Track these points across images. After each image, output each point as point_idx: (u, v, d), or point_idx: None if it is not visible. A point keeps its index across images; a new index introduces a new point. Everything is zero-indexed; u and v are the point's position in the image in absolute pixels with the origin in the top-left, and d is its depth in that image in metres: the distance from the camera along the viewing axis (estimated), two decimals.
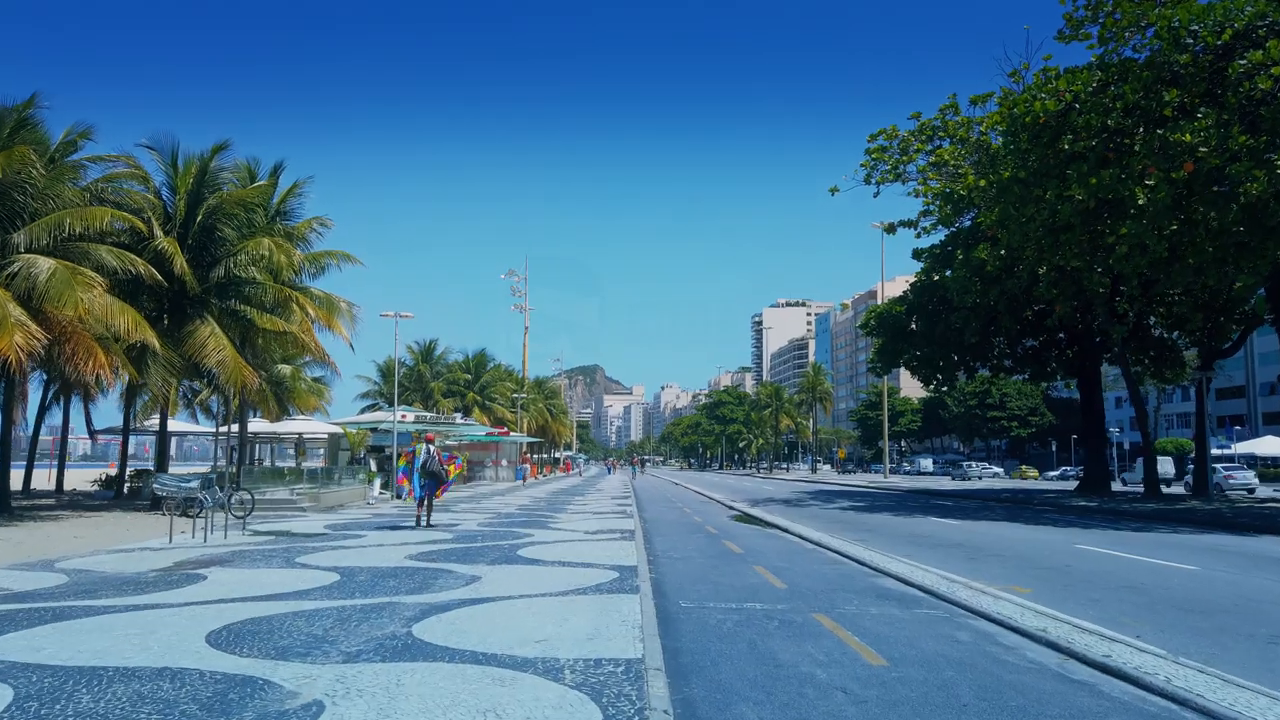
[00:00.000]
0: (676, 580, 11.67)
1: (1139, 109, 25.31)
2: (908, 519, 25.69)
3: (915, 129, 33.78)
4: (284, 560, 13.21)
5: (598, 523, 21.15)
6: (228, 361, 24.99)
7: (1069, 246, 27.51)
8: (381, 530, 18.84)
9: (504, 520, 21.99)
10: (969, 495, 41.57)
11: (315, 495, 27.38)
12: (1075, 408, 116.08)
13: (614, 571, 11.79)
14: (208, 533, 17.15)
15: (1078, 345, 43.05)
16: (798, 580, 11.76)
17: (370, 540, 16.59)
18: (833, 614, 9.13)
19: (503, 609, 8.90)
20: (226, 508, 23.35)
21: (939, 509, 30.80)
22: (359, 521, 21.41)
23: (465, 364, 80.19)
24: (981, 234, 36.31)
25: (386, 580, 11.02)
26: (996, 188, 29.39)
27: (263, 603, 9.31)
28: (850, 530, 21.24)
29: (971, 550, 16.58)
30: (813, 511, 29.31)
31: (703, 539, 18.24)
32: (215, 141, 27.10)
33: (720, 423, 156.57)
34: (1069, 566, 14.09)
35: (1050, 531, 21.26)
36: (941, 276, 41.76)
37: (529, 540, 16.54)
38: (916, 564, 13.55)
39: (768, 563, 13.78)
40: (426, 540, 16.42)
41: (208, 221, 26.62)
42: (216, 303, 26.94)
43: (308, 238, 31.72)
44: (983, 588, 11.02)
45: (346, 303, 31.99)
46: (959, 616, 9.19)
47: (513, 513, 25.12)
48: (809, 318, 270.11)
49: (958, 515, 27.18)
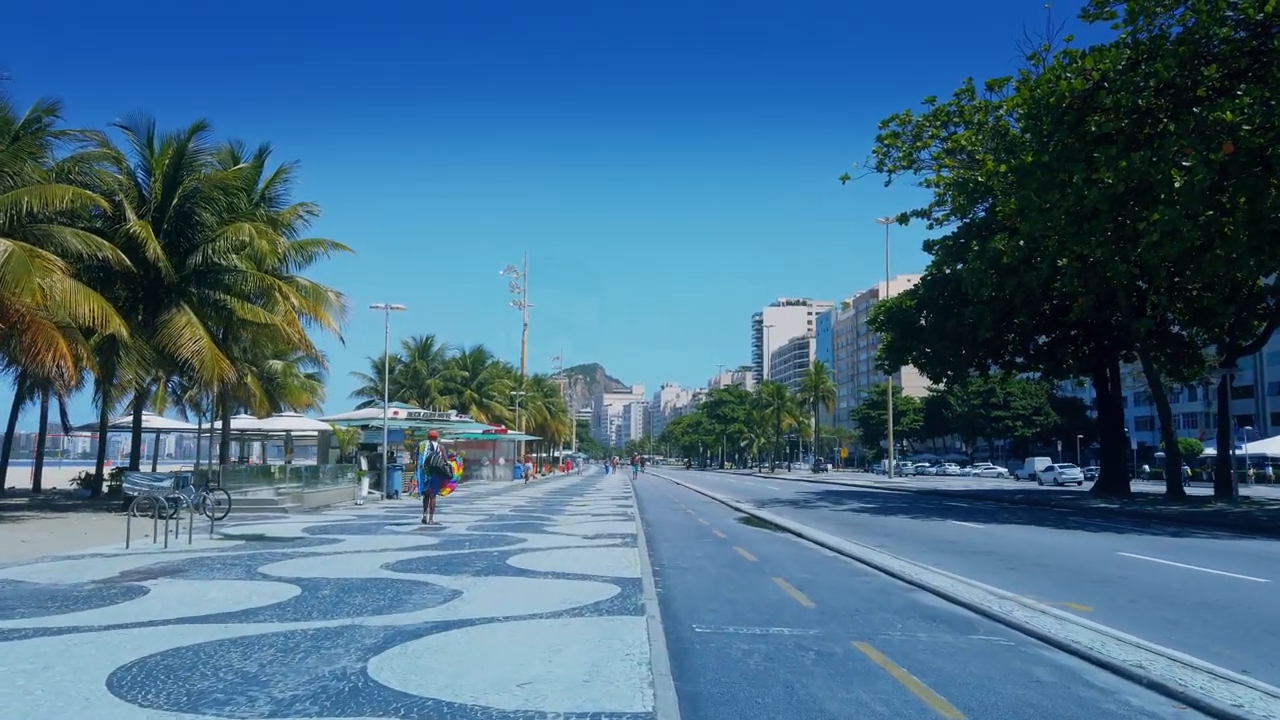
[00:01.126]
0: (687, 596, 10.21)
1: (1173, 87, 23.84)
2: (925, 522, 24.23)
3: (930, 114, 32.30)
4: (244, 570, 11.74)
5: (597, 526, 19.68)
6: (204, 353, 23.53)
7: (1094, 235, 26.06)
8: (363, 534, 17.38)
9: (496, 523, 20.52)
10: (982, 496, 40.11)
11: (299, 495, 25.90)
12: (1079, 407, 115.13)
13: (615, 585, 10.32)
14: (169, 536, 15.68)
15: (1094, 341, 41.58)
16: (825, 596, 10.30)
17: (347, 545, 15.13)
18: (876, 642, 7.67)
19: (482, 636, 7.44)
20: (201, 509, 21.95)
21: (956, 511, 29.33)
22: (341, 524, 19.95)
23: (462, 361, 78.68)
24: (998, 224, 34.84)
25: (353, 596, 9.56)
26: (1017, 173, 27.91)
27: (200, 626, 7.85)
28: (866, 534, 19.79)
29: (1007, 558, 15.12)
30: (822, 513, 27.85)
31: (711, 545, 16.77)
32: (194, 121, 25.57)
33: (721, 422, 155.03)
34: (1123, 578, 12.63)
35: (1083, 537, 19.79)
36: (953, 269, 40.30)
37: (521, 546, 15.08)
38: (953, 575, 12.09)
39: (787, 574, 12.31)
40: (408, 546, 14.96)
41: (185, 206, 25.15)
42: (194, 291, 25.49)
43: (294, 225, 30.30)
44: (1037, 605, 9.58)
45: (335, 293, 30.54)
46: (1027, 645, 7.73)
47: (507, 515, 23.65)
48: (810, 317, 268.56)
49: (978, 518, 25.72)
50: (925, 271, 42.34)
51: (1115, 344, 40.00)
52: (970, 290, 34.49)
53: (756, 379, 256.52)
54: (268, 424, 36.26)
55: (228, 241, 24.75)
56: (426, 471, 19.93)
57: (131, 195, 24.94)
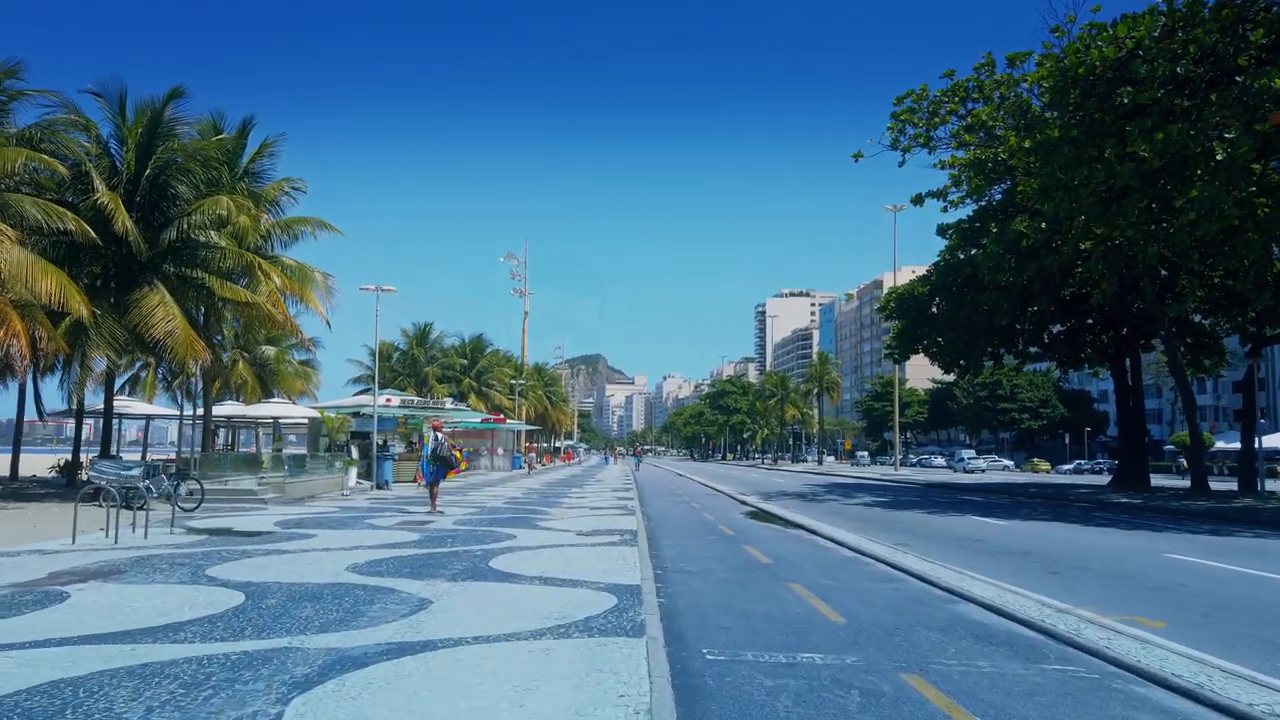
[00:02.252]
0: (694, 608, 8.78)
1: (1214, 54, 22.31)
2: (944, 518, 22.80)
3: (948, 89, 30.70)
4: (190, 572, 10.33)
5: (594, 521, 18.26)
6: (177, 333, 22.10)
7: (1124, 215, 24.54)
8: (340, 529, 15.97)
9: (487, 517, 19.10)
10: (996, 490, 38.66)
11: (281, 485, 24.48)
12: (1087, 400, 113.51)
13: (610, 595, 8.89)
14: (127, 530, 14.27)
15: (1113, 330, 40.07)
16: (855, 608, 8.87)
17: (318, 542, 13.72)
18: (930, 674, 6.23)
19: (442, 666, 6.00)
20: (172, 499, 20.60)
21: (973, 506, 27.89)
22: (320, 516, 18.54)
23: (461, 349, 77.27)
24: (1016, 206, 33.32)
25: (302, 606, 8.14)
26: (1041, 150, 26.38)
27: (102, 648, 6.44)
28: (884, 531, 18.37)
29: (1044, 560, 13.68)
30: (833, 507, 26.44)
31: (719, 543, 15.34)
32: (170, 88, 24.06)
33: (724, 413, 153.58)
34: (1183, 585, 11.20)
35: (1118, 535, 18.35)
36: (967, 254, 38.79)
37: (509, 544, 13.66)
38: (993, 581, 10.66)
39: (807, 579, 10.88)
40: (384, 543, 13.54)
41: (159, 177, 23.68)
42: (170, 269, 24.05)
43: (279, 202, 28.85)
44: (1101, 619, 8.15)
45: (322, 274, 29.13)
46: (1115, 679, 6.29)
47: (499, 507, 22.24)
48: (813, 308, 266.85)
49: (998, 514, 24.28)
50: (938, 257, 40.81)
51: (1135, 332, 38.49)
52: (986, 275, 33.00)
53: (759, 370, 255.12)
54: (255, 410, 34.87)
55: (204, 215, 23.30)
56: (431, 462, 19.94)
57: (103, 166, 23.49)
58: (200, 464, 26.51)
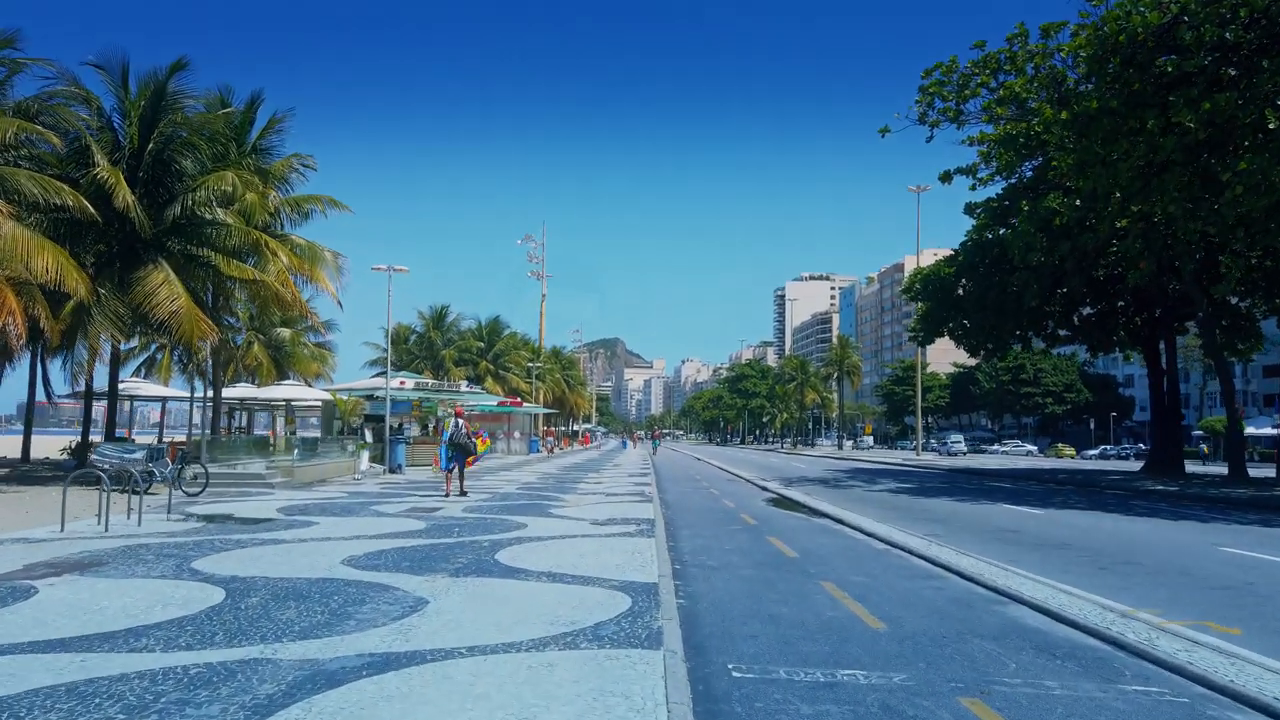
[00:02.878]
0: (717, 612, 7.96)
1: (1266, 17, 21.11)
2: (974, 505, 21.87)
3: (979, 60, 29.49)
4: (175, 565, 9.62)
5: (610, 508, 17.48)
6: (181, 313, 21.45)
7: (1166, 190, 23.39)
8: (344, 515, 15.27)
9: (499, 503, 18.37)
10: (1024, 476, 37.62)
11: (291, 470, 23.86)
12: (1111, 384, 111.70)
13: (624, 595, 8.10)
14: (121, 516, 13.63)
15: (1146, 311, 38.80)
16: (895, 612, 8.03)
17: (318, 530, 13.01)
18: (992, 696, 5.39)
19: (428, 683, 5.22)
20: (176, 484, 20.01)
21: (1003, 493, 26.92)
22: (326, 502, 17.87)
23: (478, 331, 76.63)
24: (1048, 183, 32.16)
25: (285, 607, 7.39)
26: (1078, 123, 25.22)
27: (51, 657, 5.70)
28: (913, 520, 17.50)
29: (1091, 554, 12.77)
30: (858, 494, 25.57)
31: (741, 533, 14.52)
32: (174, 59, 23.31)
33: (742, 396, 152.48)
34: (1250, 585, 10.28)
35: (1165, 526, 17.38)
36: (995, 234, 37.62)
37: (519, 534, 12.90)
38: (1047, 580, 9.78)
39: (838, 576, 10.05)
40: (387, 532, 12.81)
41: (163, 152, 23.00)
42: (175, 246, 23.39)
43: (288, 179, 28.12)
44: (1168, 625, 7.29)
45: (332, 253, 28.47)
46: (1208, 704, 5.43)
47: (512, 493, 21.51)
48: (833, 291, 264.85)
49: (1030, 501, 23.32)
50: (965, 237, 39.67)
51: (1170, 314, 37.23)
52: (1016, 255, 31.82)
53: (778, 354, 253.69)
54: (267, 393, 34.31)
55: (209, 191, 22.61)
56: (450, 448, 20.04)
57: (105, 141, 22.82)
58: (209, 447, 25.97)
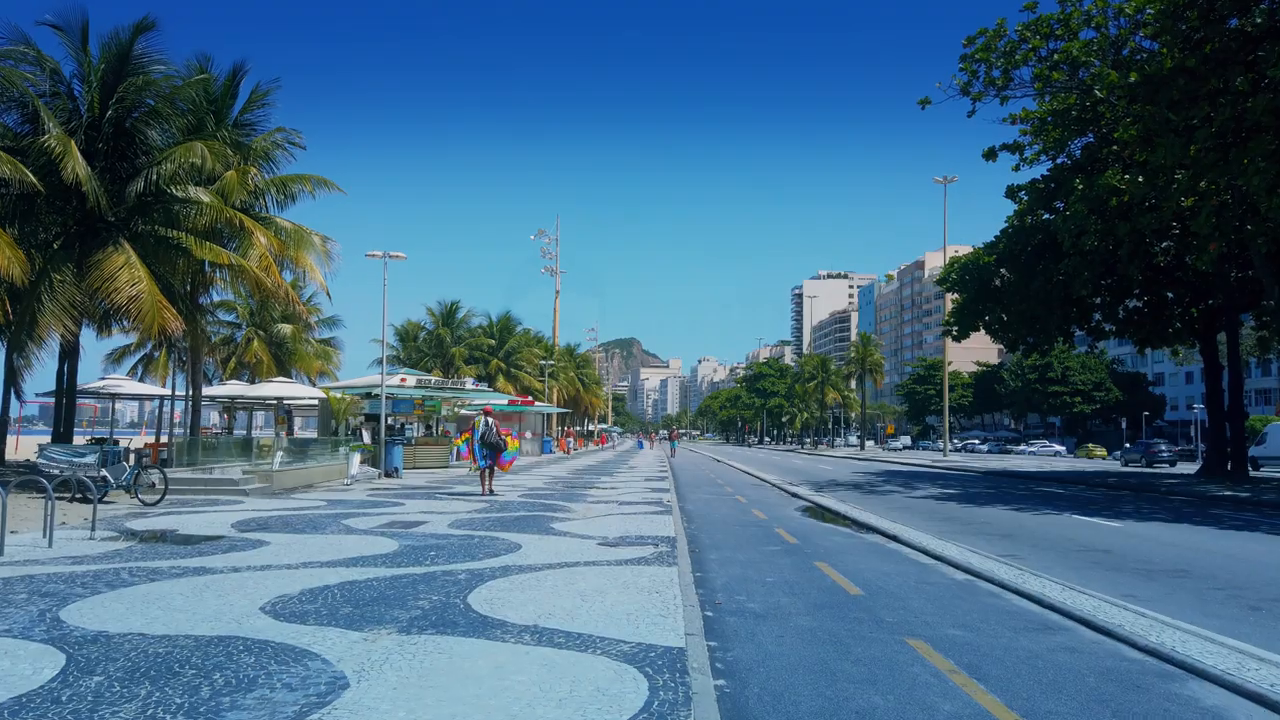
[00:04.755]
0: (776, 704, 5.42)
1: None
2: (1037, 516, 19.20)
3: (1029, 23, 26.74)
4: (37, 612, 7.17)
5: (622, 522, 14.95)
6: (143, 299, 19.10)
7: (1252, 159, 20.65)
8: (304, 533, 12.81)
9: (495, 516, 15.88)
10: (1070, 479, 34.82)
11: (269, 475, 21.49)
12: (1141, 383, 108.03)
13: (637, 673, 5.57)
14: (51, 532, 11.24)
15: (1203, 302, 35.88)
16: (1037, 699, 5.47)
17: (263, 555, 10.56)
18: None
19: None
20: (132, 490, 17.73)
21: (1061, 500, 24.21)
22: (294, 514, 15.44)
23: (489, 329, 74.27)
24: (1103, 160, 29.37)
25: (133, 691, 4.90)
26: (1148, 86, 22.54)
27: None
28: (974, 534, 14.93)
29: (1223, 586, 10.12)
30: (899, 501, 22.96)
31: (782, 557, 11.96)
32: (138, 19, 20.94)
33: (760, 396, 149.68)
34: None
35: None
36: (1038, 219, 34.80)
37: (508, 561, 10.40)
38: (1219, 638, 7.19)
39: (928, 628, 7.48)
40: (345, 558, 10.33)
41: (126, 121, 20.70)
42: (141, 226, 21.06)
43: (272, 156, 25.72)
44: None
45: (320, 237, 26.07)
46: None
47: (513, 502, 19.03)
48: (851, 290, 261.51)
49: (1098, 510, 20.61)
50: (1006, 222, 36.86)
51: (1232, 304, 34.29)
52: (1066, 239, 28.99)
53: (796, 353, 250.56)
54: (257, 390, 31.98)
55: (177, 164, 20.24)
56: (483, 446, 20.02)
57: (62, 109, 20.54)
58: (188, 449, 23.67)
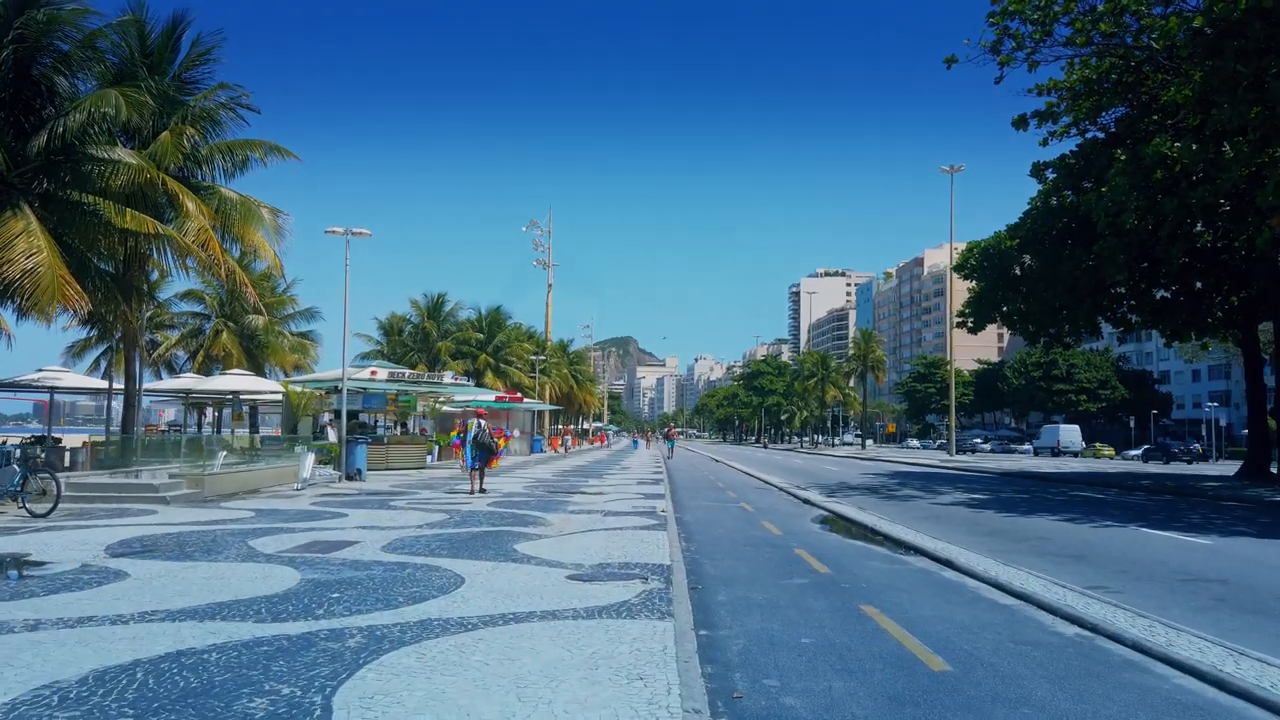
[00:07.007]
0: None
1: None
2: (1097, 529, 16.28)
3: None
4: None
5: (604, 542, 12.01)
6: (40, 271, 16.17)
7: None
8: (181, 561, 9.88)
9: (451, 530, 12.94)
10: (1097, 481, 31.96)
11: (200, 480, 18.52)
12: (1147, 380, 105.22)
13: None
14: None
15: (1245, 289, 32.97)
16: None
17: (99, 599, 7.63)
18: None
19: None
20: (19, 499, 14.82)
21: (1112, 509, 21.27)
22: (197, 532, 12.49)
23: (478, 322, 71.17)
24: (1145, 129, 26.47)
25: None
26: (1211, 36, 19.69)
27: None
28: (1035, 555, 12.10)
29: None
30: (924, 509, 20.09)
31: (814, 596, 9.03)
32: None
33: (759, 394, 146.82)
34: None
35: None
36: (1064, 201, 31.90)
37: (430, 613, 7.46)
38: None
39: None
40: (206, 604, 7.40)
41: (28, 65, 17.68)
42: (45, 187, 18.08)
43: (218, 119, 22.73)
44: None
45: (270, 209, 23.14)
46: None
47: (479, 511, 16.07)
48: (849, 287, 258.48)
49: (1168, 523, 17.70)
50: (1030, 203, 34.07)
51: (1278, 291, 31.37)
52: (1102, 218, 26.07)
53: (793, 351, 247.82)
54: (210, 384, 29.02)
55: (87, 113, 17.28)
56: (474, 447, 20.19)
57: None
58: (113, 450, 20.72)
